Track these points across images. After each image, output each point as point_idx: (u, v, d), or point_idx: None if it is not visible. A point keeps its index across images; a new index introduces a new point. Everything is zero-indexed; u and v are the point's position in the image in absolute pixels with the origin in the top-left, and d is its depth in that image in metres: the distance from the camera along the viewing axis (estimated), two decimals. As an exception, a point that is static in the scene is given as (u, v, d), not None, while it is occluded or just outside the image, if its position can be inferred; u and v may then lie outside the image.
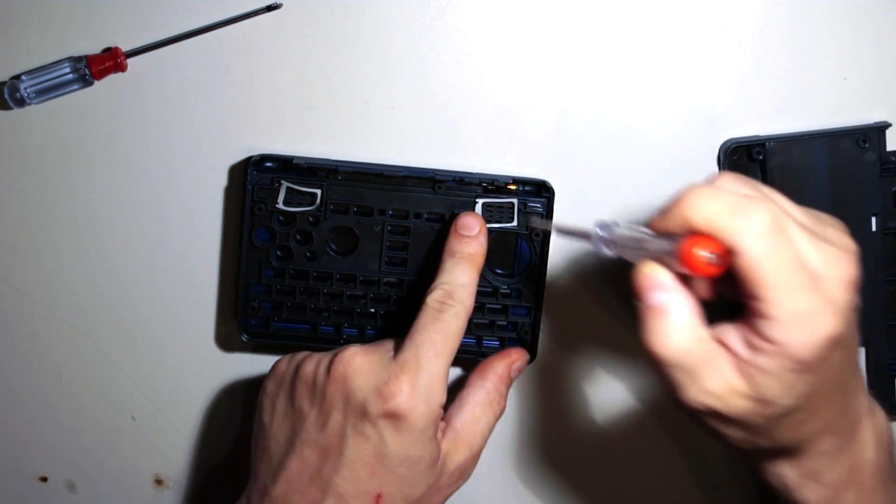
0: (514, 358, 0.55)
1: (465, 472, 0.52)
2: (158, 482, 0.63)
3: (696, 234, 0.40)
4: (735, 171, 0.57)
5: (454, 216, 0.56)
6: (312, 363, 0.51)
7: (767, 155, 0.57)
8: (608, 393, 0.61)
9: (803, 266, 0.40)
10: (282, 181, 0.55)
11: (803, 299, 0.40)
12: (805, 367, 0.41)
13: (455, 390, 0.53)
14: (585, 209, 0.57)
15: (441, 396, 0.49)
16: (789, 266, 0.40)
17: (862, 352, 0.59)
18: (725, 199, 0.40)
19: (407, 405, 0.48)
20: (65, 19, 0.56)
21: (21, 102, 0.55)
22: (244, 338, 0.57)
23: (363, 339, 0.57)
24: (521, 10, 0.56)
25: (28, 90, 0.55)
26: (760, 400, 0.41)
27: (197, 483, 0.63)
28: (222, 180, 0.58)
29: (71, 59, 0.55)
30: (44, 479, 0.63)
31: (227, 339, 0.60)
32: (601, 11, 0.56)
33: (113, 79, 0.56)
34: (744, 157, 0.57)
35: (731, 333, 0.42)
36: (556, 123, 0.57)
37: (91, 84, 0.56)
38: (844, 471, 0.46)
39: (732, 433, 0.44)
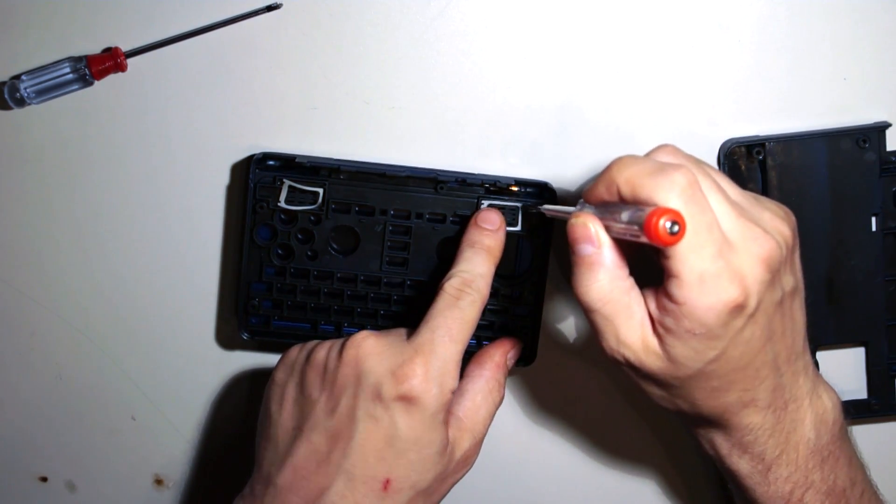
0: (510, 346, 0.55)
1: (469, 461, 0.52)
2: (158, 482, 0.63)
3: (661, 207, 0.41)
4: (735, 170, 0.57)
5: (455, 217, 0.56)
6: (324, 349, 0.51)
7: (767, 155, 0.57)
8: (607, 394, 0.61)
9: (714, 230, 0.42)
10: (284, 180, 0.55)
11: (708, 261, 0.42)
12: (708, 331, 0.43)
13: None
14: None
15: (454, 382, 0.49)
16: (699, 226, 0.42)
17: (862, 351, 0.59)
18: (646, 162, 0.44)
19: (421, 388, 0.48)
20: (65, 19, 0.56)
21: (21, 102, 0.55)
22: (244, 336, 0.57)
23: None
24: (521, 9, 0.56)
25: (28, 90, 0.55)
26: (670, 360, 0.44)
27: (197, 483, 0.63)
28: (224, 178, 0.58)
29: (71, 59, 0.55)
30: (44, 479, 0.63)
31: (228, 337, 0.60)
32: (602, 11, 0.56)
33: (113, 79, 0.56)
34: (744, 157, 0.57)
35: (650, 294, 0.45)
36: (557, 124, 0.57)
37: (91, 84, 0.56)
38: (777, 447, 0.48)
39: (652, 390, 0.47)
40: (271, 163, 0.55)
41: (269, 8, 0.56)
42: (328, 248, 0.56)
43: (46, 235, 0.59)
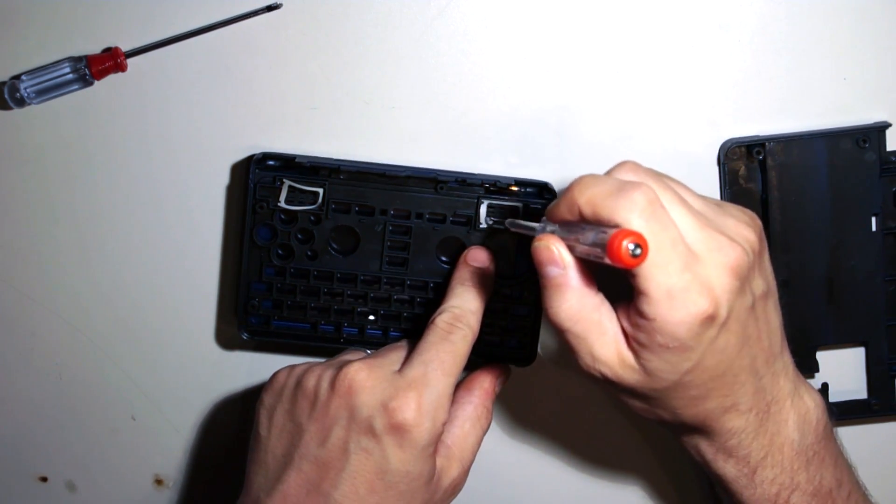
0: (498, 373, 0.56)
1: (457, 488, 0.52)
2: (158, 482, 0.63)
3: (623, 230, 0.41)
4: (735, 170, 0.57)
5: (455, 217, 0.56)
6: (314, 377, 0.51)
7: (767, 155, 0.57)
8: (606, 394, 0.61)
9: (679, 245, 0.42)
10: (284, 179, 0.55)
11: (674, 276, 0.42)
12: (681, 344, 0.43)
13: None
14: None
15: (445, 415, 0.50)
16: (663, 243, 0.42)
17: (862, 351, 0.59)
18: (606, 182, 0.43)
19: (414, 421, 0.48)
20: (65, 19, 0.56)
21: (21, 102, 0.55)
22: (244, 336, 0.57)
23: (363, 338, 0.57)
24: (521, 9, 0.56)
25: (28, 90, 0.55)
26: (647, 373, 0.44)
27: (197, 483, 0.63)
28: (224, 178, 0.58)
29: (71, 59, 0.55)
30: (44, 479, 0.63)
31: (228, 337, 0.60)
32: (602, 11, 0.56)
33: (113, 79, 0.56)
34: (744, 157, 0.57)
35: (622, 310, 0.45)
36: (558, 124, 0.57)
37: (91, 84, 0.56)
38: (762, 449, 0.48)
39: (633, 403, 0.47)
40: (271, 163, 0.55)
41: (269, 8, 0.56)
42: (328, 248, 0.56)
43: (46, 235, 0.59)
